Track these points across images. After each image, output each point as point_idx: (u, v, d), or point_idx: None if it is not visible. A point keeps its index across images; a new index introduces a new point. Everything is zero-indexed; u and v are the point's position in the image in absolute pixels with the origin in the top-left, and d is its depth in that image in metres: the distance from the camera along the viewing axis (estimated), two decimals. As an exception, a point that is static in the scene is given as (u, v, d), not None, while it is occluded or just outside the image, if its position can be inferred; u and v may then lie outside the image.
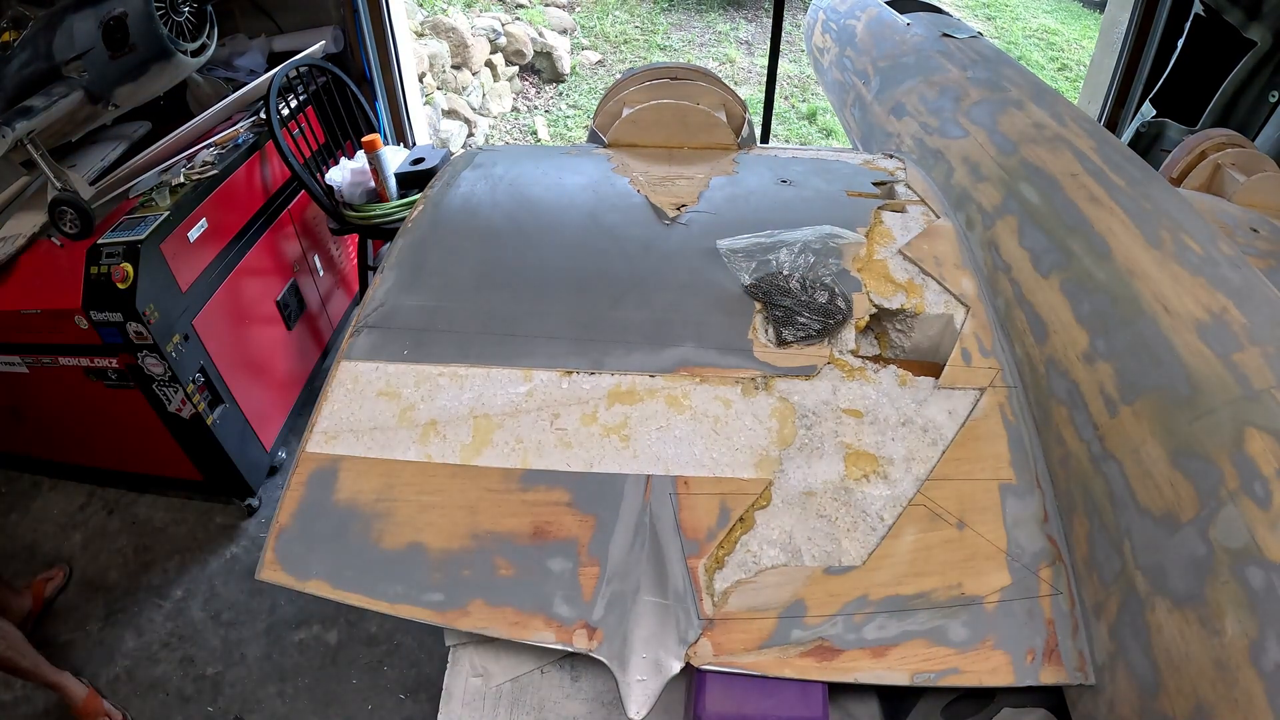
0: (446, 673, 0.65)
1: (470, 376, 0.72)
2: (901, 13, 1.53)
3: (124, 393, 1.72)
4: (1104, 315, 0.67)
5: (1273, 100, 1.85)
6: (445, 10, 4.35)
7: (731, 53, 5.19)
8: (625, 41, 5.26)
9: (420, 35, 4.08)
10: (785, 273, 0.81)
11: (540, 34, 4.72)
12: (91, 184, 1.70)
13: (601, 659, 0.56)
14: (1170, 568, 0.51)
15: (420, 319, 0.78)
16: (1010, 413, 0.70)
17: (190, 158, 1.89)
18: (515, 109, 4.61)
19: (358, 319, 0.79)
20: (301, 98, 2.14)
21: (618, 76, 1.32)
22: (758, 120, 2.98)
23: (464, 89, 4.24)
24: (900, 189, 0.99)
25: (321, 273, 2.33)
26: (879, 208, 0.93)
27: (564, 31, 5.02)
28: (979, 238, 0.87)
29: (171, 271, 1.64)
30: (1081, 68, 5.16)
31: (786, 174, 1.01)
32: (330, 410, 0.71)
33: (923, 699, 0.61)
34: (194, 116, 1.94)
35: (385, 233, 2.11)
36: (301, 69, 2.13)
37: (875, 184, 1.00)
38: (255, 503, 1.95)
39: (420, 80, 3.77)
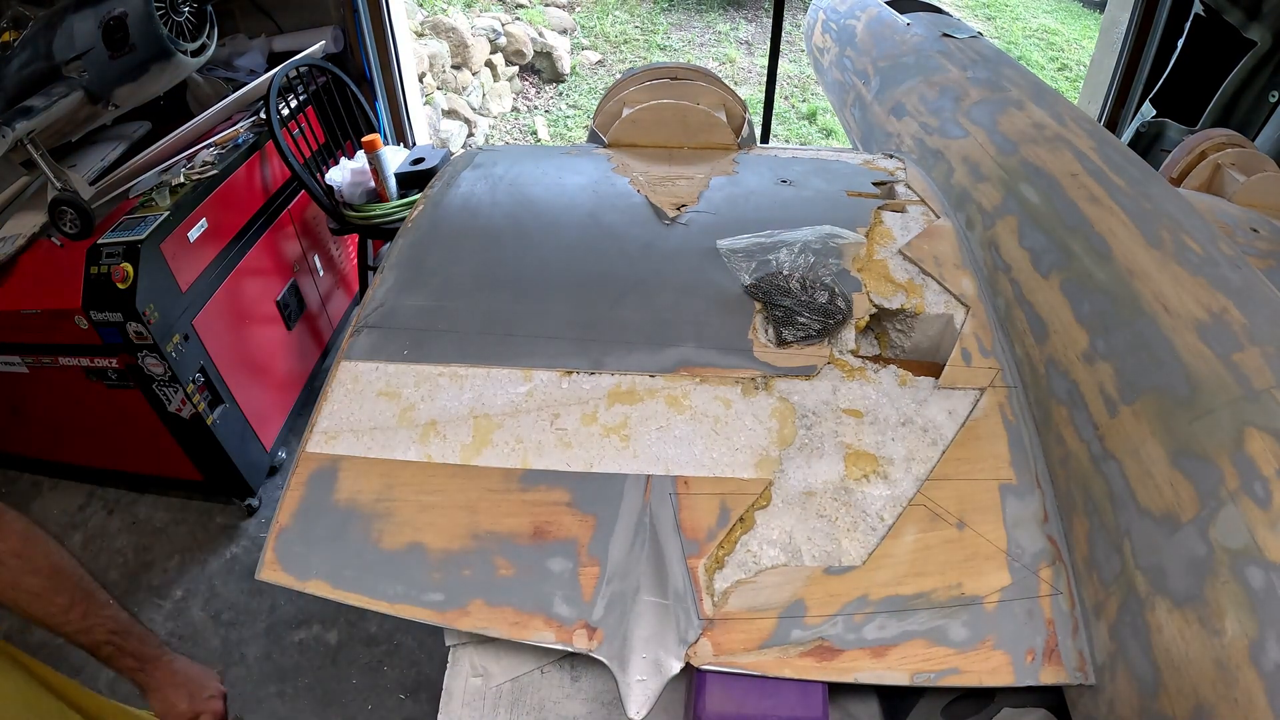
0: (446, 673, 0.65)
1: (470, 376, 0.72)
2: (901, 13, 1.53)
3: (124, 393, 1.72)
4: (1104, 315, 0.67)
5: (1273, 100, 1.85)
6: (445, 10, 4.35)
7: (731, 53, 5.19)
8: (625, 41, 5.26)
9: (420, 35, 4.09)
10: (785, 273, 0.81)
11: (540, 34, 4.72)
12: (91, 184, 1.70)
13: (601, 659, 0.56)
14: (1170, 568, 0.51)
15: (420, 319, 0.78)
16: (1010, 413, 0.70)
17: (190, 158, 1.89)
18: (515, 109, 4.61)
19: (358, 319, 0.79)
20: (301, 98, 2.14)
21: (618, 76, 1.32)
22: (758, 120, 2.98)
23: (464, 89, 4.24)
24: (900, 189, 0.99)
25: (321, 273, 2.33)
26: (879, 208, 0.93)
27: (564, 31, 5.03)
28: (979, 238, 0.87)
29: (171, 271, 1.64)
30: (1081, 68, 5.16)
31: (786, 174, 1.01)
32: (330, 410, 0.71)
33: (923, 699, 0.61)
34: (194, 116, 1.94)
35: (385, 233, 2.11)
36: (301, 69, 2.13)
37: (875, 184, 1.00)
38: (255, 503, 1.95)
39: (420, 80, 3.78)
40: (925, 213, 0.93)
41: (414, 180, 2.08)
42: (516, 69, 4.67)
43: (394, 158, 2.12)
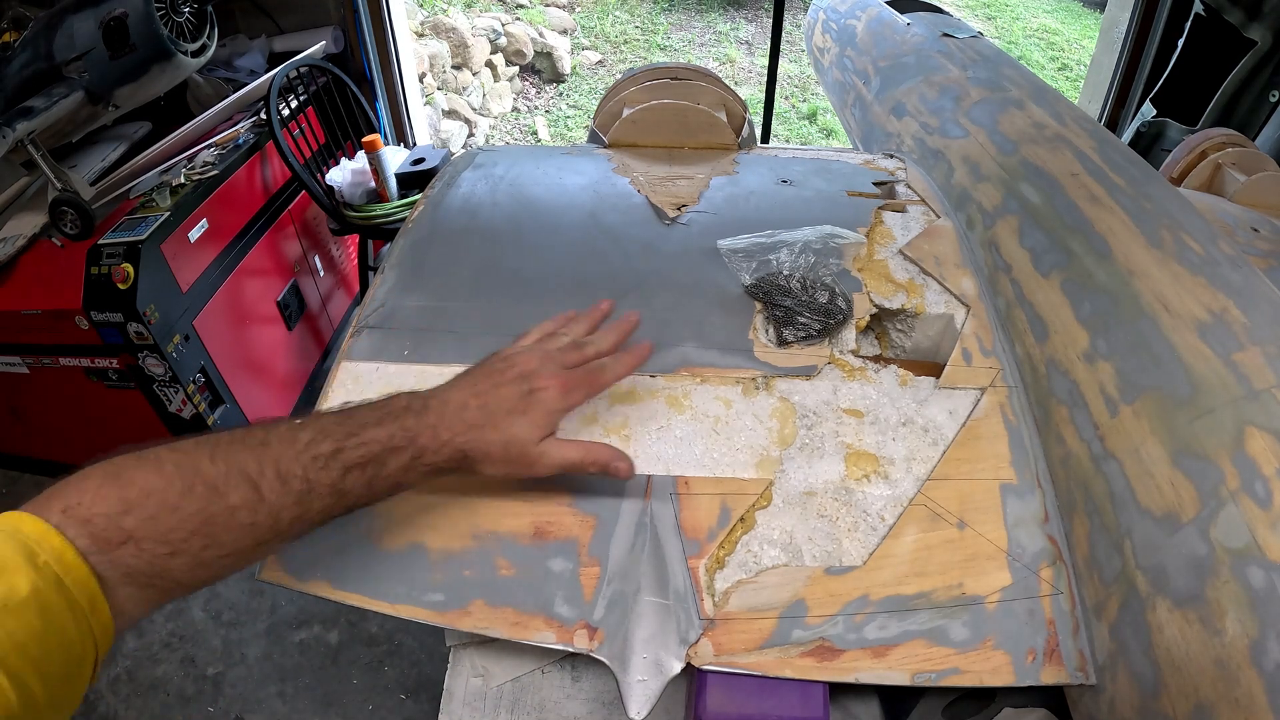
0: (447, 673, 0.65)
1: (471, 377, 0.72)
2: (902, 13, 1.53)
3: (124, 393, 1.72)
4: (1104, 315, 0.67)
5: (1273, 100, 1.85)
6: (445, 10, 4.35)
7: (731, 53, 5.19)
8: (625, 41, 5.26)
9: (420, 35, 4.09)
10: (785, 273, 0.81)
11: (540, 34, 4.72)
12: (92, 184, 1.70)
13: (602, 659, 0.55)
14: (1171, 567, 0.51)
15: (421, 319, 0.78)
16: (1011, 412, 0.70)
17: (191, 158, 1.90)
18: (515, 109, 4.61)
19: (358, 319, 0.79)
20: (302, 98, 2.14)
21: (618, 76, 1.31)
22: (758, 120, 2.98)
23: (464, 89, 4.24)
24: (900, 189, 0.99)
25: (322, 273, 2.33)
26: (879, 207, 0.93)
27: (564, 31, 5.03)
28: (979, 237, 0.87)
29: (172, 272, 1.64)
30: (1081, 68, 5.16)
31: (787, 174, 1.01)
32: (331, 410, 0.71)
33: (923, 699, 0.61)
34: (194, 117, 1.94)
35: (385, 233, 2.11)
36: (302, 69, 2.13)
37: (875, 184, 1.00)
38: (255, 503, 1.94)
39: (420, 80, 3.78)
40: (925, 213, 0.93)
41: (414, 180, 2.09)
42: (517, 69, 4.67)
43: (394, 158, 2.12)
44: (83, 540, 0.43)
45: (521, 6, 4.91)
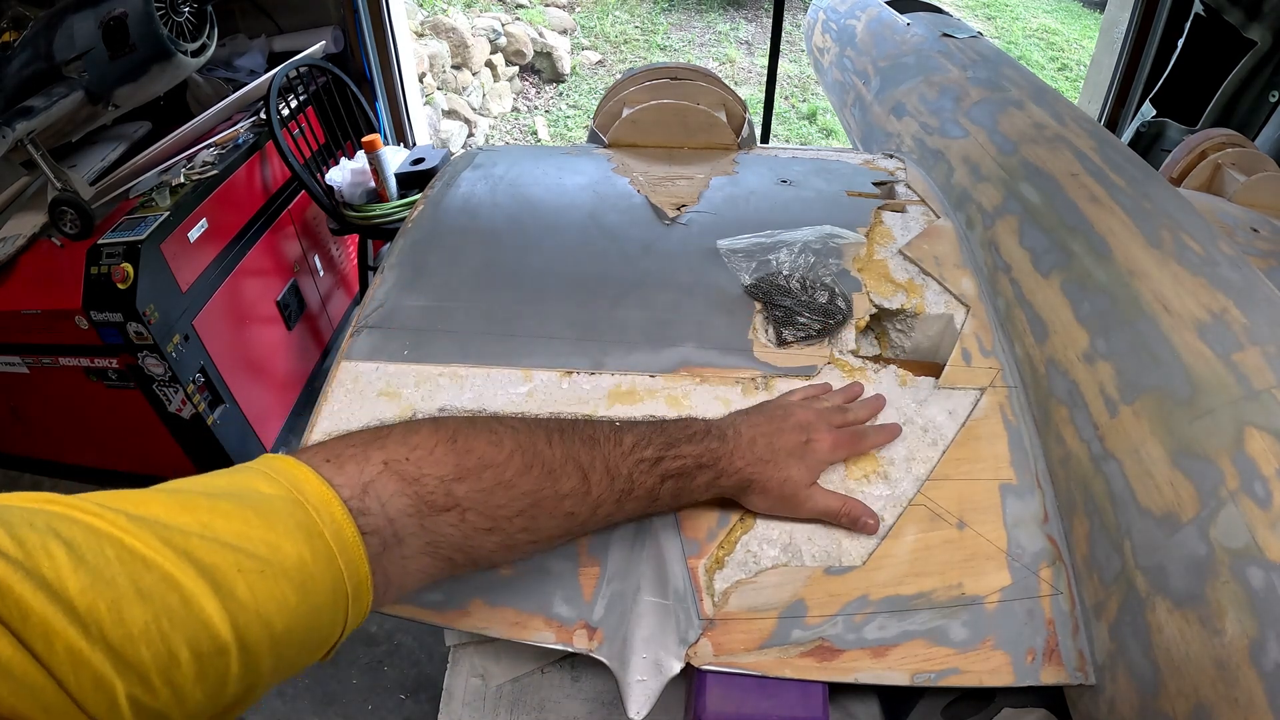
0: (447, 673, 0.65)
1: (470, 376, 0.72)
2: (901, 13, 1.53)
3: (124, 393, 1.72)
4: (1104, 315, 0.67)
5: (1273, 100, 1.85)
6: (445, 10, 4.35)
7: (731, 53, 5.19)
8: (625, 41, 5.26)
9: (420, 35, 4.09)
10: (785, 273, 0.81)
11: (540, 34, 4.72)
12: (91, 184, 1.70)
13: (602, 659, 0.56)
14: (1170, 568, 0.51)
15: (420, 319, 0.78)
16: (1010, 413, 0.70)
17: (190, 158, 1.90)
18: (515, 109, 4.61)
19: (358, 319, 0.79)
20: (301, 98, 2.14)
21: (618, 76, 1.31)
22: (758, 120, 2.98)
23: (464, 89, 4.24)
24: (900, 189, 0.99)
25: (321, 273, 2.33)
26: (879, 208, 0.93)
27: (564, 31, 5.03)
28: (979, 238, 0.87)
29: (172, 272, 1.64)
30: (1081, 68, 5.16)
31: (786, 174, 1.01)
32: (330, 410, 0.71)
33: (923, 699, 0.61)
34: (194, 117, 1.94)
35: (385, 233, 2.11)
36: (301, 69, 2.13)
37: (875, 184, 1.00)
38: (255, 503, 1.94)
39: (420, 80, 3.78)
40: (925, 213, 0.93)
41: (414, 180, 2.09)
42: (516, 69, 4.67)
43: (394, 158, 2.12)
44: (403, 500, 0.41)
45: (521, 6, 4.92)
